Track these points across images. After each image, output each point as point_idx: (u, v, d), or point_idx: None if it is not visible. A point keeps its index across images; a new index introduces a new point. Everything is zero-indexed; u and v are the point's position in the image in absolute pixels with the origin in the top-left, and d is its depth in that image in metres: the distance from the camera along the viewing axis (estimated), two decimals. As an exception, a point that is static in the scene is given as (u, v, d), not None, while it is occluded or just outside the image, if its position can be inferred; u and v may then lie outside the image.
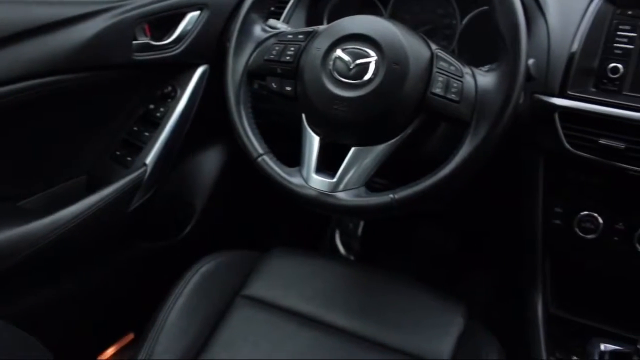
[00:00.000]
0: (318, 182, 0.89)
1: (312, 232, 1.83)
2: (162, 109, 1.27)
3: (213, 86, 1.28)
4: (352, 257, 1.76)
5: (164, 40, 1.23)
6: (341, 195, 0.88)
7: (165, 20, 1.23)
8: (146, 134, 1.25)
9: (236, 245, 1.20)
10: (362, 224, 1.79)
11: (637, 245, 1.00)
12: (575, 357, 1.04)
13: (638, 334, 0.94)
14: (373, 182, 0.90)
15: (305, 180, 0.90)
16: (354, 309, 1.05)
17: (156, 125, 1.26)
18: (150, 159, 1.23)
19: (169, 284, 1.07)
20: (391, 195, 0.85)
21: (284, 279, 1.10)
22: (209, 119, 1.29)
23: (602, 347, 1.02)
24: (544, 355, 1.03)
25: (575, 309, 1.13)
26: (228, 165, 1.48)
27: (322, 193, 0.89)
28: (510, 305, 1.22)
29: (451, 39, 1.16)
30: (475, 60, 0.91)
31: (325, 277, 1.11)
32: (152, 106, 1.28)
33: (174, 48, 1.23)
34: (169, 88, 1.28)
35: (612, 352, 1.01)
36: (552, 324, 1.11)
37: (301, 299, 1.06)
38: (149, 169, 1.22)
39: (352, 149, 0.88)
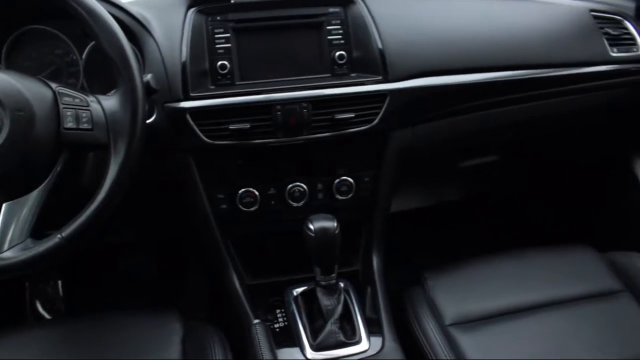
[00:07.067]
0: None
1: (9, 309, 1.68)
2: None
3: None
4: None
5: None
6: (7, 254, 0.85)
7: None
8: None
9: None
10: (60, 283, 1.71)
11: (288, 199, 1.20)
12: (278, 310, 1.20)
13: (314, 273, 1.13)
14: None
15: None
16: None
17: None
18: None
19: None
20: (59, 235, 0.86)
21: None
22: None
23: (294, 292, 1.20)
24: (252, 320, 1.16)
25: (267, 272, 1.29)
26: None
27: None
28: (220, 293, 1.32)
29: (78, 74, 1.19)
30: (107, 88, 0.98)
31: (33, 351, 1.05)
32: None
33: None
34: None
35: (301, 293, 1.19)
36: (254, 294, 1.25)
37: None
38: None
39: (4, 205, 0.86)
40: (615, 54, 1.34)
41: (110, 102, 0.91)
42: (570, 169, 1.73)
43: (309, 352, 1.09)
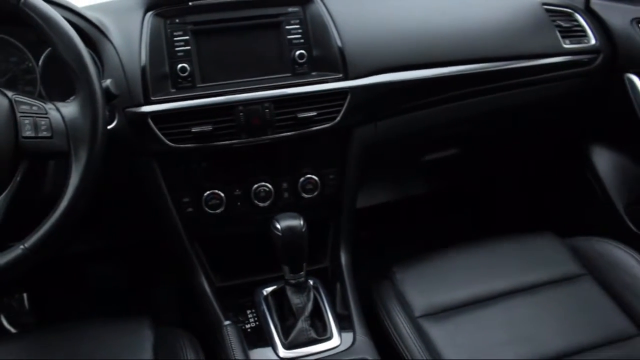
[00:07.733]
0: None
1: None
2: None
3: None
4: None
5: None
6: None
7: None
8: None
9: None
10: (25, 296, 1.68)
11: (255, 200, 1.20)
12: (249, 311, 1.20)
13: (283, 272, 1.13)
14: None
15: None
16: None
17: None
18: None
19: None
20: (22, 246, 0.84)
21: None
22: None
23: (264, 292, 1.21)
24: (223, 322, 1.16)
25: (236, 274, 1.29)
26: None
27: None
28: (190, 296, 1.32)
29: (34, 82, 1.17)
30: (66, 95, 0.96)
31: None
32: None
33: None
34: None
35: (271, 292, 1.20)
36: (225, 296, 1.24)
37: None
38: None
39: None
40: (567, 45, 1.38)
41: (69, 109, 0.89)
42: (529, 159, 1.78)
43: (281, 351, 1.10)
